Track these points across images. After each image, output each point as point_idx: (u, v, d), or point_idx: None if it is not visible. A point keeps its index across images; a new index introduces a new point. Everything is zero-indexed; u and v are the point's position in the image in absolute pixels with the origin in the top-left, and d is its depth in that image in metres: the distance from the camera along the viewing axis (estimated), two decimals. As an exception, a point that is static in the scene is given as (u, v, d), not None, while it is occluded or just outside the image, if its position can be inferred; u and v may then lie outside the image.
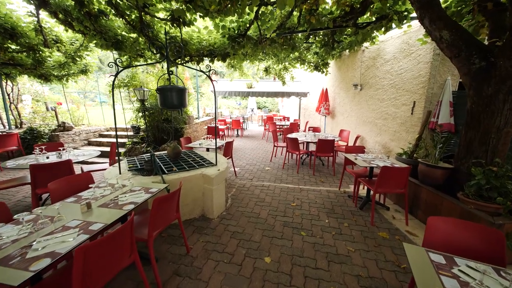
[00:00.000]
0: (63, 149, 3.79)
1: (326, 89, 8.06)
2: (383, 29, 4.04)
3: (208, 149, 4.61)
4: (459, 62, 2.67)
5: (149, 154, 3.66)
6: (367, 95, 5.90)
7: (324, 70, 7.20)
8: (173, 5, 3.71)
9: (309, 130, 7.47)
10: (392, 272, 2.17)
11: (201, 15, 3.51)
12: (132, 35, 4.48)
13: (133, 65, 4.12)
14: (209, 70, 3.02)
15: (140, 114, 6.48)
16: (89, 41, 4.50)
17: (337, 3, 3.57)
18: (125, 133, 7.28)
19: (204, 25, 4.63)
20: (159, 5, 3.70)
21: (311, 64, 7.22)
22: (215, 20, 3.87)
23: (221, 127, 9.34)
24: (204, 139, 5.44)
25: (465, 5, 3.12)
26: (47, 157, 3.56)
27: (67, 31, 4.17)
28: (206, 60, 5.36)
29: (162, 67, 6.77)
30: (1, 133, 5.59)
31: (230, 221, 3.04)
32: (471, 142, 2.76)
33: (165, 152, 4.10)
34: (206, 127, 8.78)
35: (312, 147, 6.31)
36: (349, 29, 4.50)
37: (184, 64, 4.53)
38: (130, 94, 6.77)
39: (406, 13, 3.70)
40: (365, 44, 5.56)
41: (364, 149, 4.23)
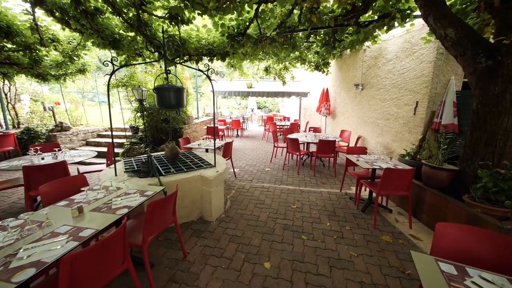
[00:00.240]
0: (59, 150, 3.71)
1: (327, 89, 7.98)
2: (385, 27, 3.98)
3: (207, 150, 4.53)
4: (464, 61, 2.59)
5: (146, 155, 3.58)
6: (368, 95, 5.82)
7: (325, 69, 7.12)
8: (171, 2, 3.63)
9: (309, 131, 7.40)
10: (396, 278, 2.09)
11: (200, 12, 3.44)
12: (130, 33, 4.39)
13: (129, 64, 4.04)
14: (208, 69, 2.95)
15: (139, 114, 6.41)
16: (86, 40, 4.42)
17: (338, 1, 3.49)
18: (123, 133, 7.21)
19: (203, 23, 4.56)
20: (157, 2, 3.63)
21: (312, 63, 7.14)
22: (214, 18, 3.80)
23: (221, 127, 9.27)
24: (203, 139, 5.36)
25: (470, 3, 3.05)
26: (42, 158, 3.47)
27: (64, 29, 4.09)
28: (205, 59, 5.28)
29: (161, 67, 6.69)
30: (-3, 133, 5.52)
31: (229, 224, 2.97)
32: (477, 143, 2.68)
33: (163, 153, 4.02)
34: (206, 127, 8.71)
35: (313, 148, 6.24)
36: (350, 27, 4.42)
37: (182, 63, 4.46)
38: (129, 93, 6.69)
39: (409, 11, 3.63)
40: (367, 43, 5.48)
41: (366, 150, 4.14)
